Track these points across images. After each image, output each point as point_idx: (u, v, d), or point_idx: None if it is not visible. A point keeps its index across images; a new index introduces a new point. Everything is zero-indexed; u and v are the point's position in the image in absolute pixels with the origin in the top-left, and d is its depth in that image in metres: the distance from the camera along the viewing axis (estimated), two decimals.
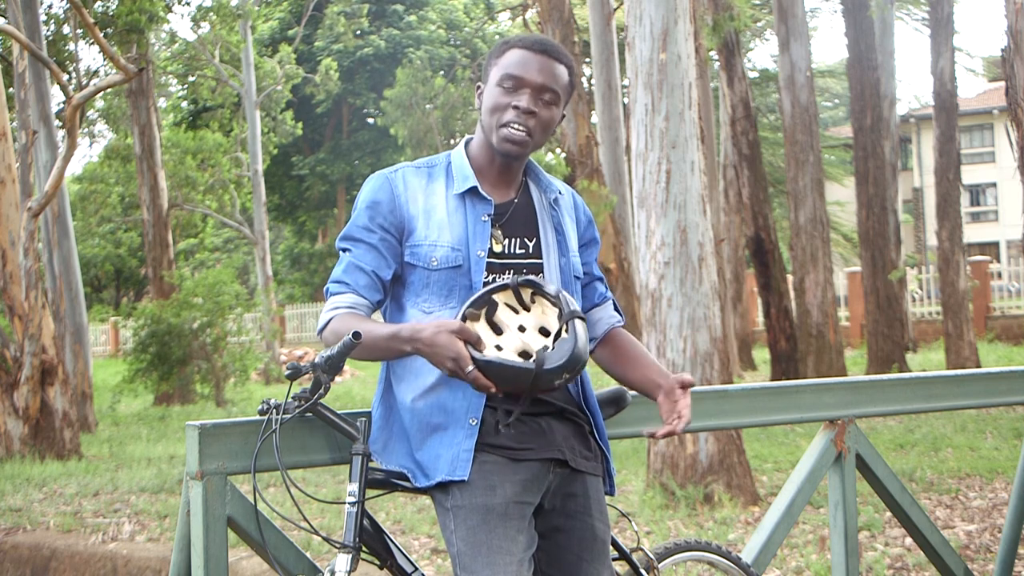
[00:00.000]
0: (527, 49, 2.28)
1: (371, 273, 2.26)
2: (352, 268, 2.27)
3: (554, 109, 2.28)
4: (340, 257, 2.31)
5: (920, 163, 35.37)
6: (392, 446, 2.30)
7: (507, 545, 2.14)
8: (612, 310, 2.50)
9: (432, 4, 36.68)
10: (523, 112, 2.24)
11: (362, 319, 2.23)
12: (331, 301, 2.28)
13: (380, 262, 2.26)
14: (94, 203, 28.40)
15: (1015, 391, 3.66)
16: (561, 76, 2.29)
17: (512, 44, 2.31)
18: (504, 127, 2.24)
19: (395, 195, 2.28)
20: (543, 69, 2.26)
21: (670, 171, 6.43)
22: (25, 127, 12.00)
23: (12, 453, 9.24)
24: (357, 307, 2.25)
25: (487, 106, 2.28)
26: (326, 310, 2.28)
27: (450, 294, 2.24)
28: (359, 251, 2.27)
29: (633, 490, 6.83)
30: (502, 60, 2.28)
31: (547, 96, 2.26)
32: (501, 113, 2.25)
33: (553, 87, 2.27)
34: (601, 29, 12.87)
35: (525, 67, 2.26)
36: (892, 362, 14.27)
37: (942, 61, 14.32)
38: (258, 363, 16.56)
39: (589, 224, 2.48)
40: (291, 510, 5.73)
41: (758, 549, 3.14)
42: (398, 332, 2.12)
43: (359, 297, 2.26)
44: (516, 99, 2.24)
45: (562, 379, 2.06)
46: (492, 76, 2.29)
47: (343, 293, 2.26)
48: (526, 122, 2.24)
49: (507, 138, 2.25)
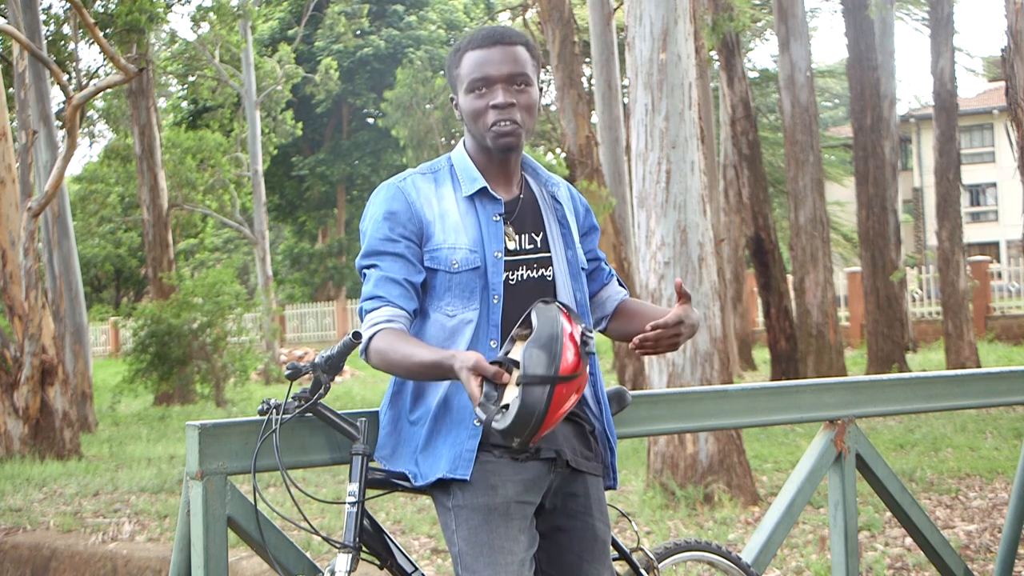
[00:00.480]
0: (481, 47, 2.27)
1: (403, 282, 2.22)
2: (383, 281, 2.22)
3: (530, 90, 2.28)
4: (366, 276, 2.26)
5: (920, 163, 35.36)
6: (400, 451, 2.30)
7: (509, 545, 2.14)
8: (617, 286, 2.53)
9: (432, 4, 36.67)
10: (503, 107, 2.24)
11: (404, 336, 2.18)
12: (368, 319, 2.22)
13: (410, 269, 2.23)
14: (94, 203, 28.41)
15: (1015, 391, 3.66)
16: (523, 57, 2.28)
17: (465, 48, 2.30)
18: (492, 127, 2.25)
19: (410, 203, 2.27)
20: (505, 59, 2.26)
21: (670, 171, 6.43)
22: (25, 127, 12.00)
23: (12, 453, 9.24)
24: (395, 319, 2.20)
25: (468, 114, 2.28)
26: (365, 327, 2.22)
27: (471, 296, 2.24)
28: (386, 263, 2.23)
29: (633, 490, 6.83)
30: (463, 68, 2.28)
31: (518, 83, 2.27)
32: (483, 116, 2.26)
33: (520, 71, 2.27)
34: (601, 29, 12.87)
35: (487, 64, 2.25)
36: (892, 362, 14.26)
37: (942, 61, 14.32)
38: (258, 363, 16.55)
39: (587, 213, 2.50)
40: (291, 510, 5.73)
41: (758, 549, 3.14)
42: (440, 362, 2.07)
43: (396, 309, 2.21)
44: (491, 98, 2.25)
45: (514, 442, 1.97)
46: (460, 86, 2.29)
47: (379, 308, 2.21)
48: (510, 115, 2.25)
49: (499, 134, 2.25)
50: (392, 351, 2.14)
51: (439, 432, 2.23)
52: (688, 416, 3.11)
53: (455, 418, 2.22)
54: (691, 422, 3.16)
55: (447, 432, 2.22)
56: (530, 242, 2.31)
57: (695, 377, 6.35)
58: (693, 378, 6.35)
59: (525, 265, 2.29)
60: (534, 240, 2.31)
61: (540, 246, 2.32)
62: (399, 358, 2.14)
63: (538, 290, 2.28)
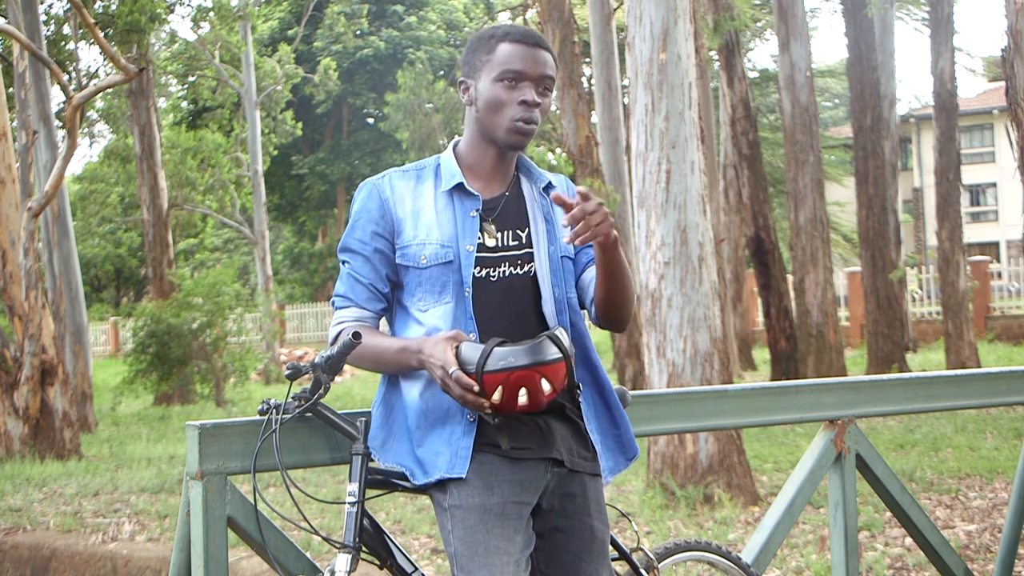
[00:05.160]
0: (521, 43, 2.29)
1: (369, 286, 2.32)
2: (352, 281, 2.34)
3: (549, 96, 2.34)
4: (341, 268, 2.37)
5: (920, 163, 35.34)
6: (391, 444, 2.30)
7: (504, 545, 2.14)
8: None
9: (432, 4, 36.67)
10: (531, 106, 2.27)
11: (372, 332, 2.30)
12: (337, 315, 2.36)
13: (375, 274, 2.32)
14: (94, 203, 28.41)
15: (1015, 391, 3.66)
16: (551, 64, 2.33)
17: (501, 37, 2.31)
18: (515, 122, 2.27)
19: (383, 200, 2.33)
20: (539, 61, 2.29)
21: (670, 171, 6.43)
22: (25, 127, 12.00)
23: (12, 453, 9.24)
24: (363, 320, 2.33)
25: (488, 102, 2.29)
26: (333, 324, 2.36)
27: (443, 290, 2.27)
28: (356, 263, 2.33)
29: (633, 490, 6.83)
30: (497, 55, 2.29)
31: (544, 86, 2.31)
32: (507, 109, 2.27)
33: (551, 75, 2.32)
34: (601, 29, 12.86)
35: (523, 61, 2.28)
36: (892, 362, 14.26)
37: (942, 61, 14.32)
38: (258, 363, 16.56)
39: None
40: (291, 510, 5.73)
41: (758, 549, 3.14)
42: (407, 346, 2.22)
43: (362, 310, 2.33)
44: (521, 94, 2.27)
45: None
46: (486, 72, 2.30)
47: (347, 307, 2.34)
48: (533, 115, 2.28)
49: (518, 130, 2.28)
50: (361, 345, 2.25)
51: (432, 428, 2.24)
52: (688, 416, 3.11)
53: (448, 413, 2.23)
54: (691, 422, 3.16)
55: (441, 428, 2.23)
56: (513, 238, 2.32)
57: (695, 377, 6.35)
58: (693, 378, 6.35)
59: (508, 261, 2.30)
60: (518, 237, 2.33)
61: (524, 243, 2.33)
62: (367, 350, 2.26)
63: (520, 286, 2.30)
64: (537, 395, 2.11)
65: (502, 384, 2.08)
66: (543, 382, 2.11)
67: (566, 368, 2.15)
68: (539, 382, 2.10)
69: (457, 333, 2.16)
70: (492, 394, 2.09)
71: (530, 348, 2.10)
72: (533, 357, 2.09)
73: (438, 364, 2.12)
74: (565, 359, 2.14)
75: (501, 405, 2.11)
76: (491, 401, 2.10)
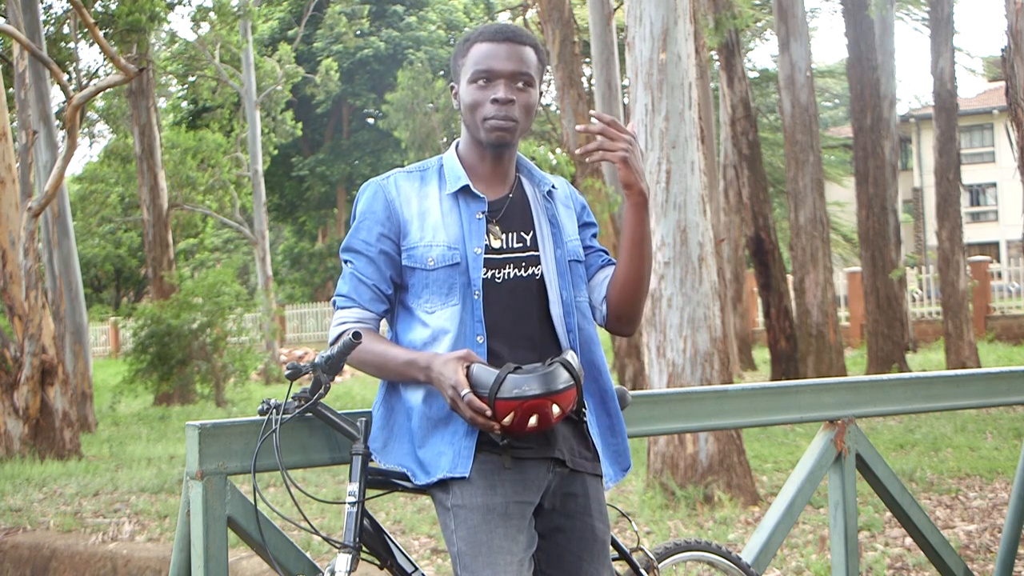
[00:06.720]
0: (491, 41, 2.30)
1: (372, 287, 2.30)
2: (355, 282, 2.31)
3: (531, 91, 2.31)
4: (343, 268, 2.35)
5: (920, 163, 35.33)
6: (392, 445, 2.30)
7: (508, 545, 2.14)
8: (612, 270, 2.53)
9: (432, 4, 36.65)
10: (503, 103, 2.26)
11: (375, 336, 2.28)
12: (338, 315, 2.34)
13: (379, 275, 2.30)
14: (94, 203, 28.41)
15: (1015, 391, 3.66)
16: (529, 58, 2.31)
17: (475, 39, 2.33)
18: (488, 120, 2.27)
19: (389, 201, 2.31)
20: (511, 56, 2.28)
21: (670, 171, 6.43)
22: (25, 127, 12.00)
23: (12, 453, 9.24)
24: (364, 321, 2.31)
25: (466, 104, 2.30)
26: (334, 324, 2.33)
27: (450, 292, 2.26)
28: (360, 264, 2.31)
29: (633, 490, 6.82)
30: (469, 57, 2.30)
31: (521, 81, 2.29)
32: (481, 108, 2.28)
33: (525, 71, 2.29)
34: (601, 29, 12.86)
35: (494, 59, 2.28)
36: (892, 362, 14.26)
37: (942, 61, 14.32)
38: (258, 363, 16.55)
39: (583, 209, 2.51)
40: (291, 510, 5.73)
41: (758, 549, 3.14)
42: (415, 360, 2.21)
43: (365, 311, 2.31)
44: (493, 92, 2.27)
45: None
46: (463, 75, 2.31)
47: (349, 308, 2.32)
48: (508, 112, 2.27)
49: (494, 128, 2.27)
50: (364, 349, 2.24)
51: (435, 429, 2.24)
52: (688, 416, 3.11)
53: (450, 415, 2.23)
54: (691, 422, 3.16)
55: (443, 428, 2.23)
56: (518, 240, 2.32)
57: (695, 377, 6.35)
58: (693, 378, 6.35)
59: (513, 264, 2.30)
60: (523, 239, 2.32)
61: (529, 245, 2.32)
62: (370, 355, 2.25)
63: (526, 289, 2.29)
64: (547, 419, 2.14)
65: (514, 411, 2.10)
66: (554, 407, 2.13)
67: (576, 392, 2.17)
68: (550, 408, 2.12)
69: (468, 353, 2.15)
70: (503, 419, 2.11)
71: (543, 377, 2.11)
72: (547, 387, 2.11)
73: (449, 384, 2.12)
74: (576, 384, 2.16)
75: (511, 428, 2.13)
76: (501, 424, 2.12)
